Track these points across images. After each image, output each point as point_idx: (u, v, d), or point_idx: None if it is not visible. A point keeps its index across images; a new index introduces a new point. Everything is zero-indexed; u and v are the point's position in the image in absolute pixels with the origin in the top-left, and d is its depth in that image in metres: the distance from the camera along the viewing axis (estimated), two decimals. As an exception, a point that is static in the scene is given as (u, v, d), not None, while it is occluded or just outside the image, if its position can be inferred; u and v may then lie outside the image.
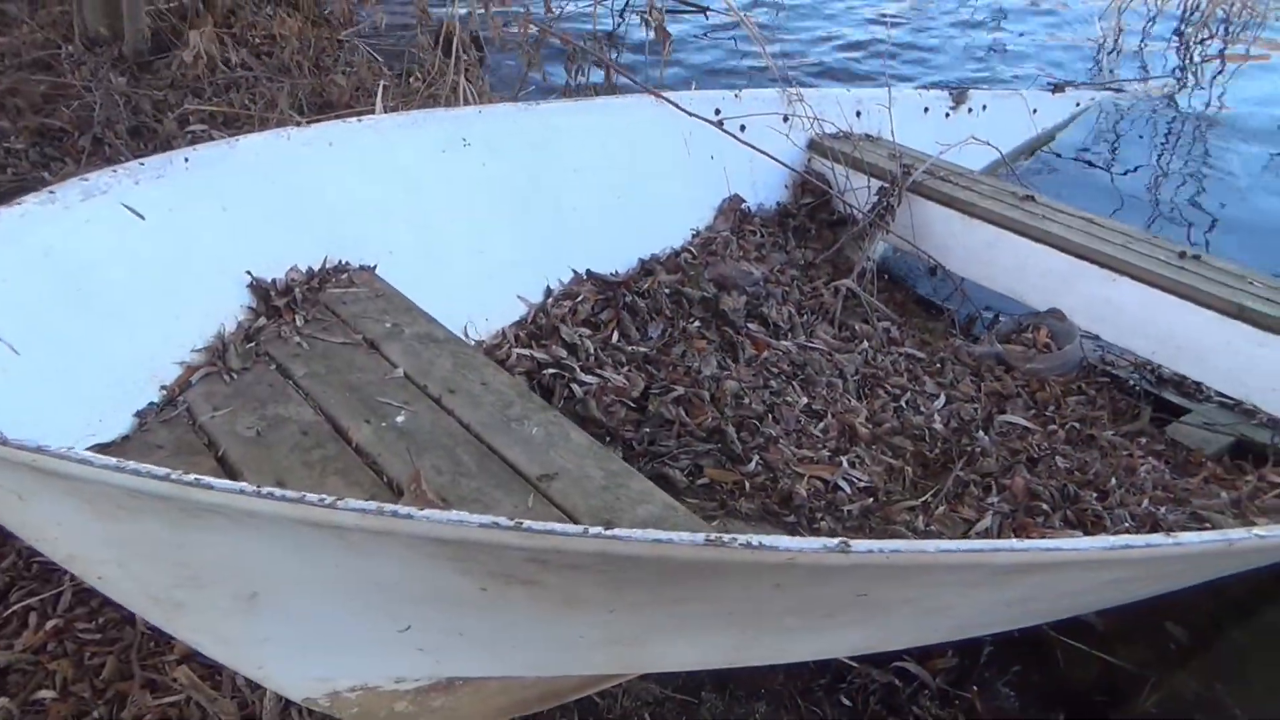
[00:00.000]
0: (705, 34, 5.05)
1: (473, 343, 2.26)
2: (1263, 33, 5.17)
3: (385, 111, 2.73)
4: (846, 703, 1.84)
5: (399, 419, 1.54)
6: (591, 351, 2.36)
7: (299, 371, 1.67)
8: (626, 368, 2.35)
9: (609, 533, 0.94)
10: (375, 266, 2.11)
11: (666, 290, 2.62)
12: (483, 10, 3.32)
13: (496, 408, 1.60)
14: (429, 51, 3.21)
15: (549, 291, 2.55)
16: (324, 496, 0.91)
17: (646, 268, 2.76)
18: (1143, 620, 2.07)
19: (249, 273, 1.93)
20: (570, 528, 0.94)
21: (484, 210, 2.45)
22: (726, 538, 0.95)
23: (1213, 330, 2.43)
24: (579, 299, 2.52)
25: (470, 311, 2.32)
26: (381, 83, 2.87)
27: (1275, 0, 5.34)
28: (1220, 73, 4.96)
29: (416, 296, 2.05)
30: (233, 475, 1.41)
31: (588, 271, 2.62)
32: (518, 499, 1.37)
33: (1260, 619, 2.25)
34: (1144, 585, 1.63)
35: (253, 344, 1.75)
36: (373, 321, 1.85)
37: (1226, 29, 5.27)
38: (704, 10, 5.21)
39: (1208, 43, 5.17)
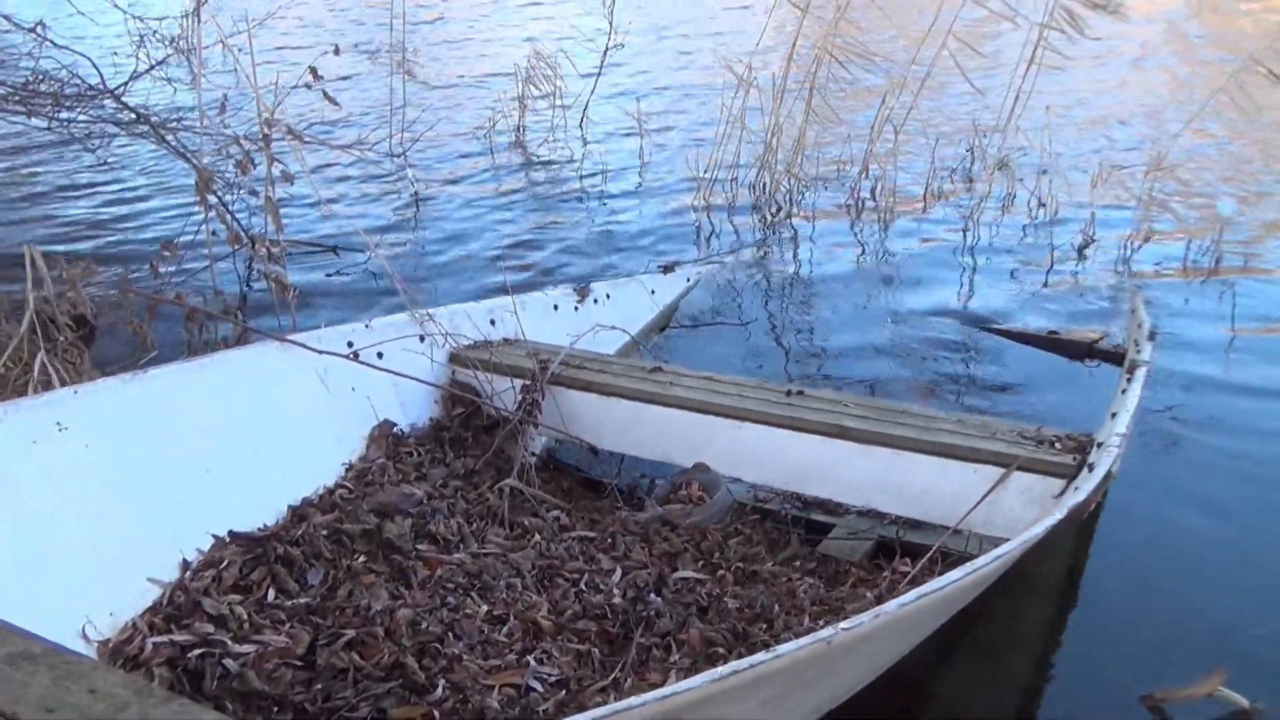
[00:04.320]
0: (338, 271, 5.14)
1: (94, 644, 2.00)
2: (816, 202, 6.25)
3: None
4: None
5: (-22, 765, 1.29)
6: (245, 618, 2.17)
7: None
8: (288, 625, 2.18)
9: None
10: (-51, 587, 1.82)
11: (324, 532, 2.50)
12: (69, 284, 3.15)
13: (107, 716, 1.40)
14: (12, 337, 2.95)
15: (186, 565, 2.32)
16: None
17: (299, 514, 2.63)
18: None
19: None
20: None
21: (94, 496, 2.23)
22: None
23: (825, 452, 2.75)
24: (223, 565, 2.32)
25: (89, 609, 2.05)
26: (-44, 380, 2.57)
27: (822, 175, 6.50)
28: (793, 236, 5.90)
29: (10, 610, 1.77)
30: None
31: (230, 533, 2.44)
32: (136, 816, 1.18)
33: (935, 695, 2.48)
34: (805, 697, 1.73)
35: None
36: (-55, 655, 1.57)
37: (789, 200, 6.28)
38: (334, 250, 5.31)
39: (780, 213, 6.14)
